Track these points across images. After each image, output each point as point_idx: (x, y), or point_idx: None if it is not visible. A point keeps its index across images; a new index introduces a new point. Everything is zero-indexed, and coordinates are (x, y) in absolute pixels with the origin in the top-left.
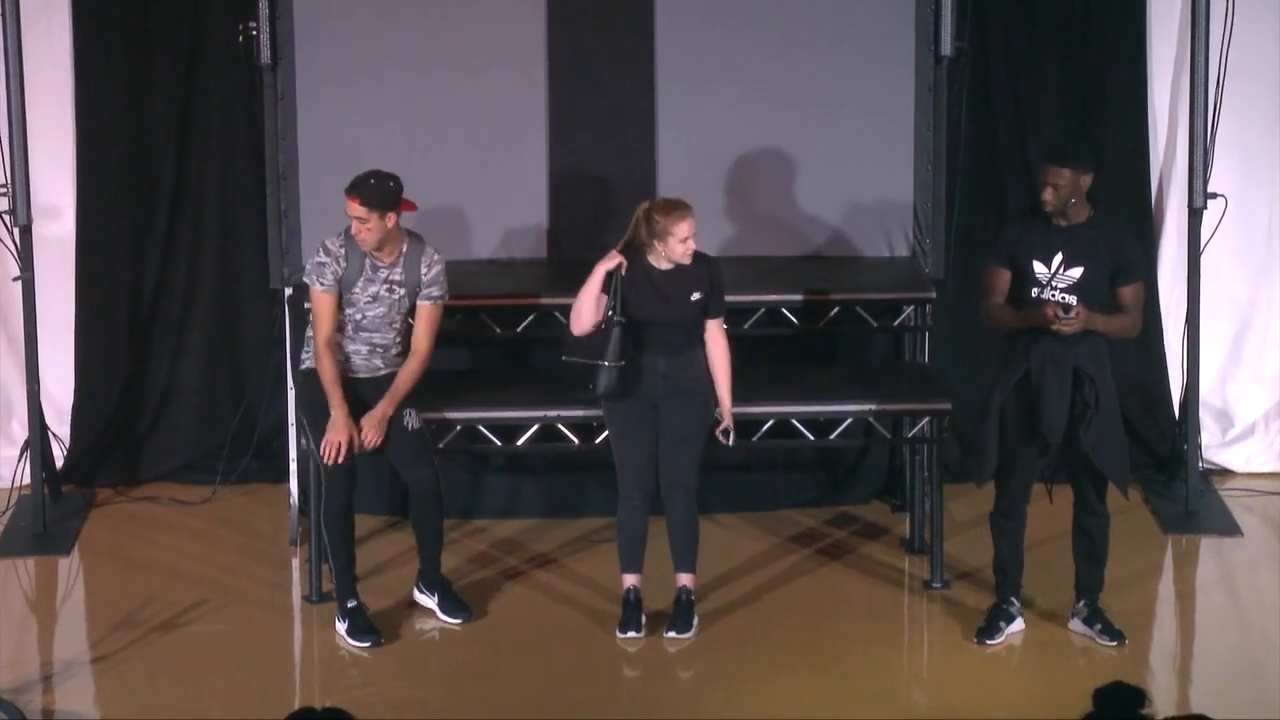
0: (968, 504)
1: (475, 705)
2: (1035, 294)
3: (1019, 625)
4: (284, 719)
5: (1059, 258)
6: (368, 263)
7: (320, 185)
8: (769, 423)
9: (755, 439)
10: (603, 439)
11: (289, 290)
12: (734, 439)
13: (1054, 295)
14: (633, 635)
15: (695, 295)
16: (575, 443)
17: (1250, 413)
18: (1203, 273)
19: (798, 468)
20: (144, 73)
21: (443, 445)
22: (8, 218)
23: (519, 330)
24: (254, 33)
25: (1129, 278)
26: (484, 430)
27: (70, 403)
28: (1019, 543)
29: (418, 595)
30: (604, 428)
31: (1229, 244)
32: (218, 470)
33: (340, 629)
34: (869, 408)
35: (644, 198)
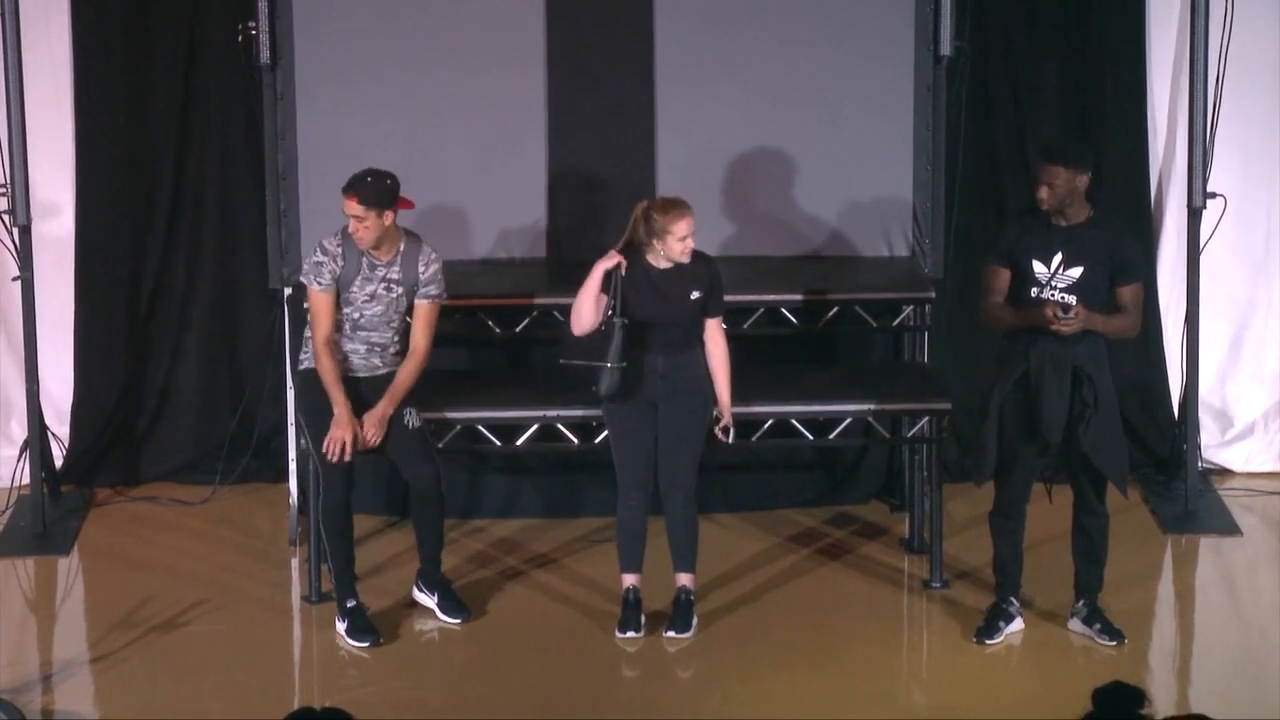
0: (967, 504)
1: (475, 705)
2: (1035, 294)
3: (1018, 625)
4: (283, 719)
5: (1058, 257)
6: (365, 261)
7: (320, 185)
8: (768, 422)
9: (754, 439)
10: (602, 439)
11: (288, 290)
12: (734, 438)
13: (1053, 295)
14: (632, 635)
15: (694, 294)
16: (574, 443)
17: (1249, 412)
18: (1202, 272)
19: (797, 467)
20: (143, 73)
21: (442, 445)
22: (7, 218)
23: (518, 330)
24: (253, 33)
25: (1128, 278)
26: (483, 430)
27: (70, 402)
28: (1018, 542)
29: (417, 594)
30: (603, 428)
31: (1228, 244)
32: (217, 470)
33: (340, 629)
34: (868, 407)
35: (643, 197)
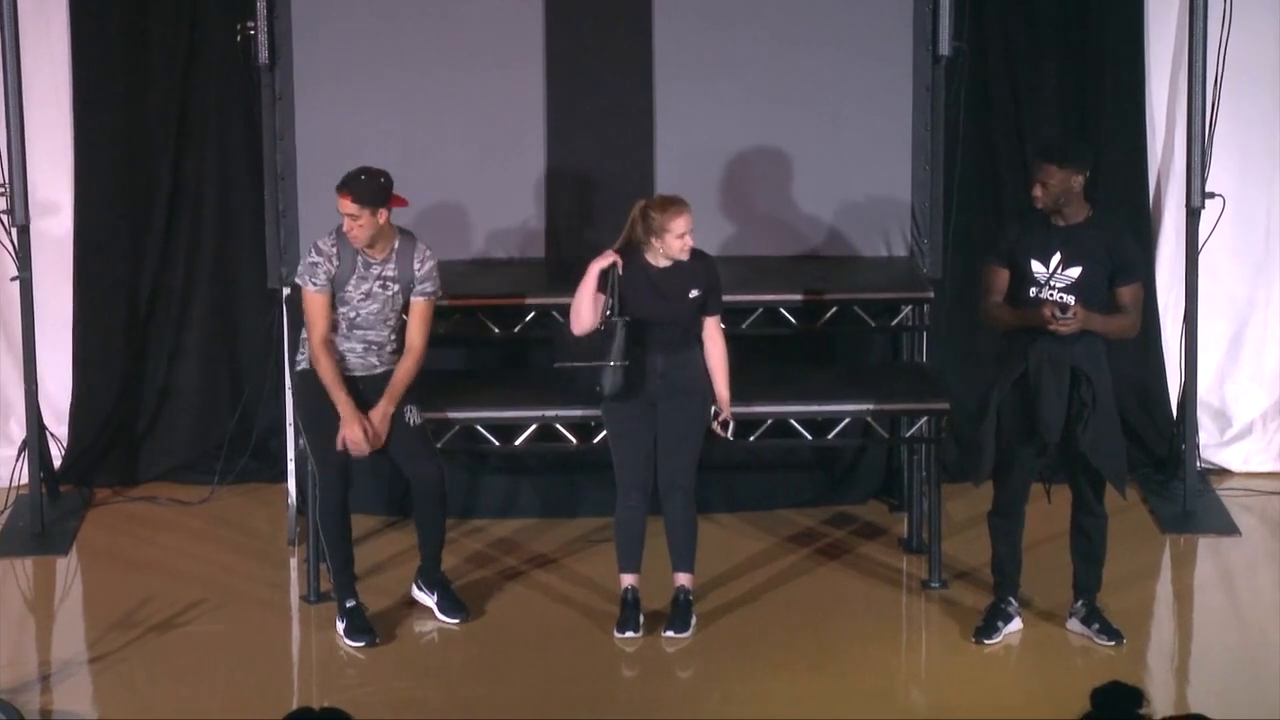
0: (966, 503)
1: (473, 705)
2: (1033, 293)
3: (1017, 625)
4: (282, 719)
5: (1057, 257)
6: (360, 260)
7: (318, 185)
8: (767, 422)
9: (753, 438)
10: (601, 439)
11: (287, 290)
12: (733, 435)
13: (1052, 295)
14: (631, 635)
15: (693, 292)
16: (573, 443)
17: (1248, 412)
18: (1201, 272)
19: (796, 467)
20: (142, 73)
21: (441, 445)
22: (6, 217)
23: (517, 330)
24: (252, 32)
25: (1128, 278)
26: (482, 430)
27: (68, 402)
28: (1017, 542)
29: (416, 593)
30: (602, 428)
31: (1227, 243)
32: (216, 470)
33: (339, 629)
34: (867, 407)
35: (642, 197)
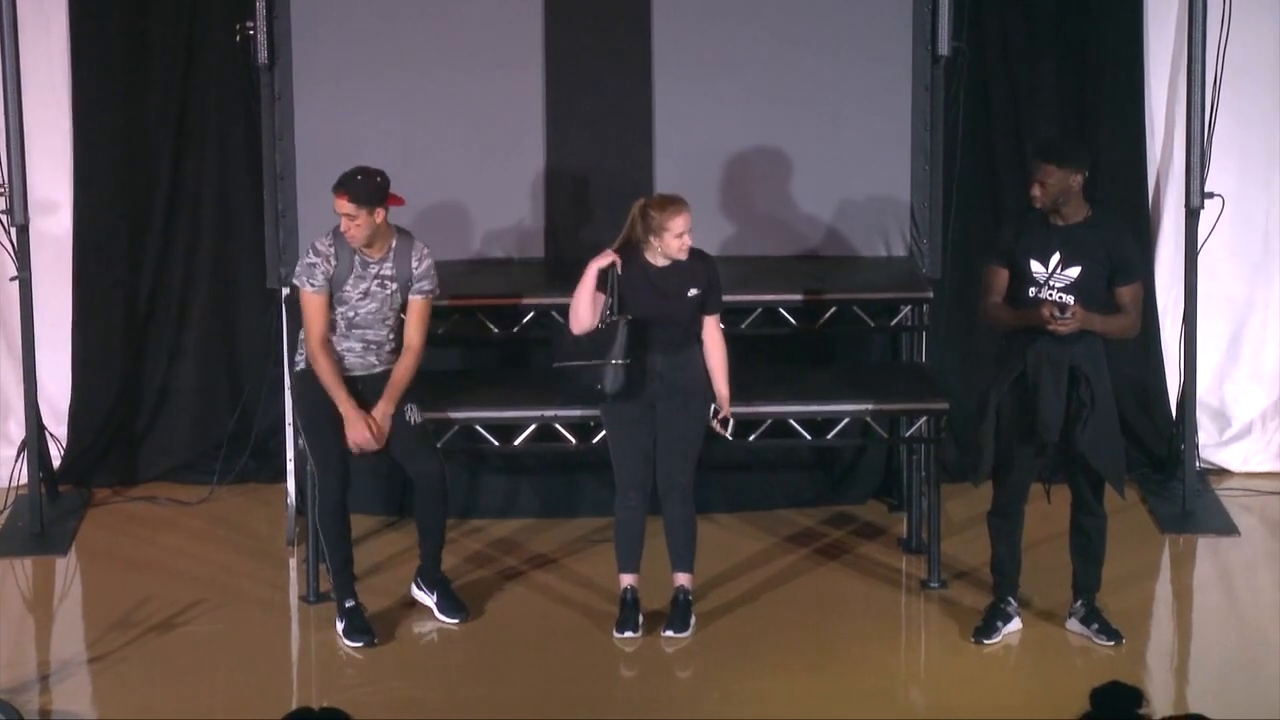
0: (965, 503)
1: (473, 705)
2: (1033, 293)
3: (1016, 625)
4: (281, 719)
5: (1056, 257)
6: (357, 260)
7: (317, 185)
8: (766, 422)
9: (753, 438)
10: (600, 439)
11: (286, 290)
12: (732, 434)
13: (1051, 295)
14: (630, 635)
15: (692, 291)
16: (573, 442)
17: (1247, 412)
18: (1200, 272)
19: (795, 467)
20: (141, 73)
21: (440, 445)
22: (5, 217)
23: (516, 330)
24: (251, 33)
25: (1127, 278)
26: (481, 430)
27: (67, 402)
28: (1016, 542)
29: (416, 592)
30: (601, 428)
31: (1226, 244)
32: (215, 470)
33: (339, 629)
34: (866, 407)
35: (640, 196)
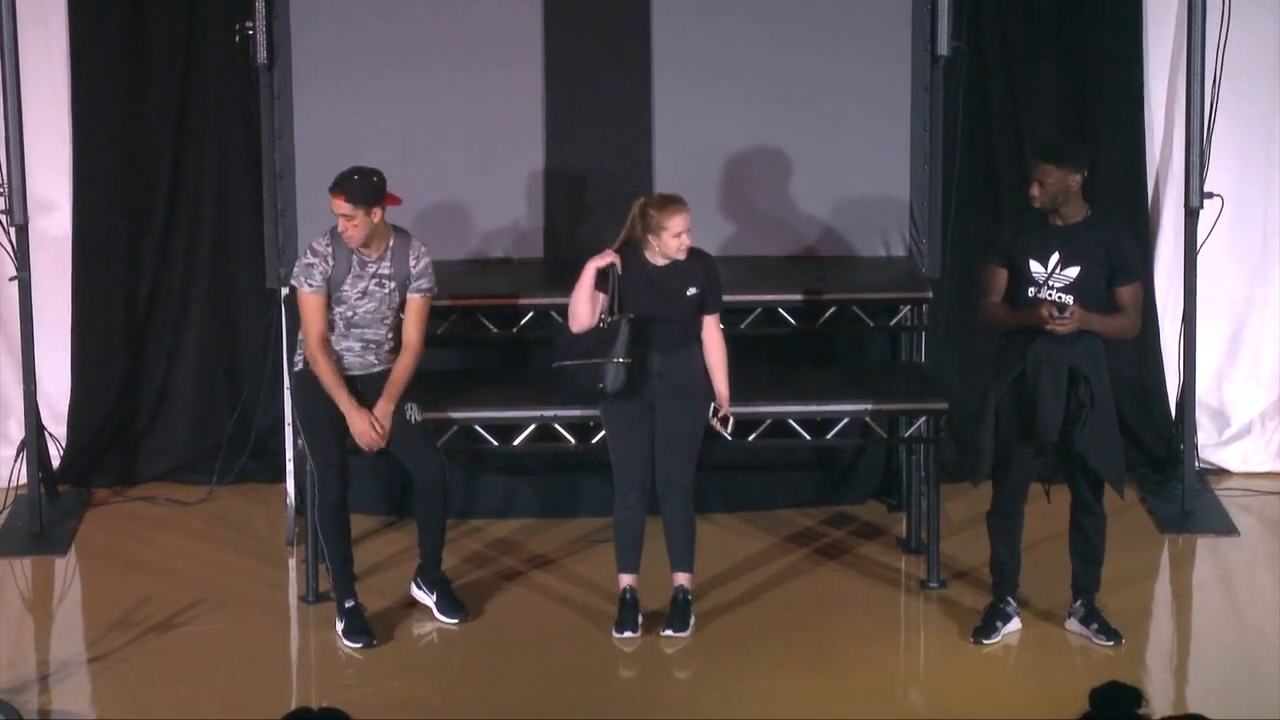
0: (964, 503)
1: (472, 705)
2: (1032, 293)
3: (1016, 625)
4: (280, 719)
5: (1055, 257)
6: (355, 259)
7: (317, 185)
8: (766, 422)
9: (752, 438)
10: (599, 439)
11: (285, 290)
12: (732, 434)
13: (1050, 295)
14: (629, 635)
15: (691, 290)
16: (572, 443)
17: (1246, 412)
18: (1199, 272)
19: (794, 467)
20: (141, 73)
21: (440, 445)
22: (4, 217)
23: (515, 330)
24: (250, 32)
25: (1127, 278)
26: (481, 430)
27: (67, 402)
28: (1016, 542)
29: (415, 591)
30: (600, 428)
31: (1225, 243)
32: (214, 470)
33: (339, 629)
34: (866, 407)
35: (640, 196)
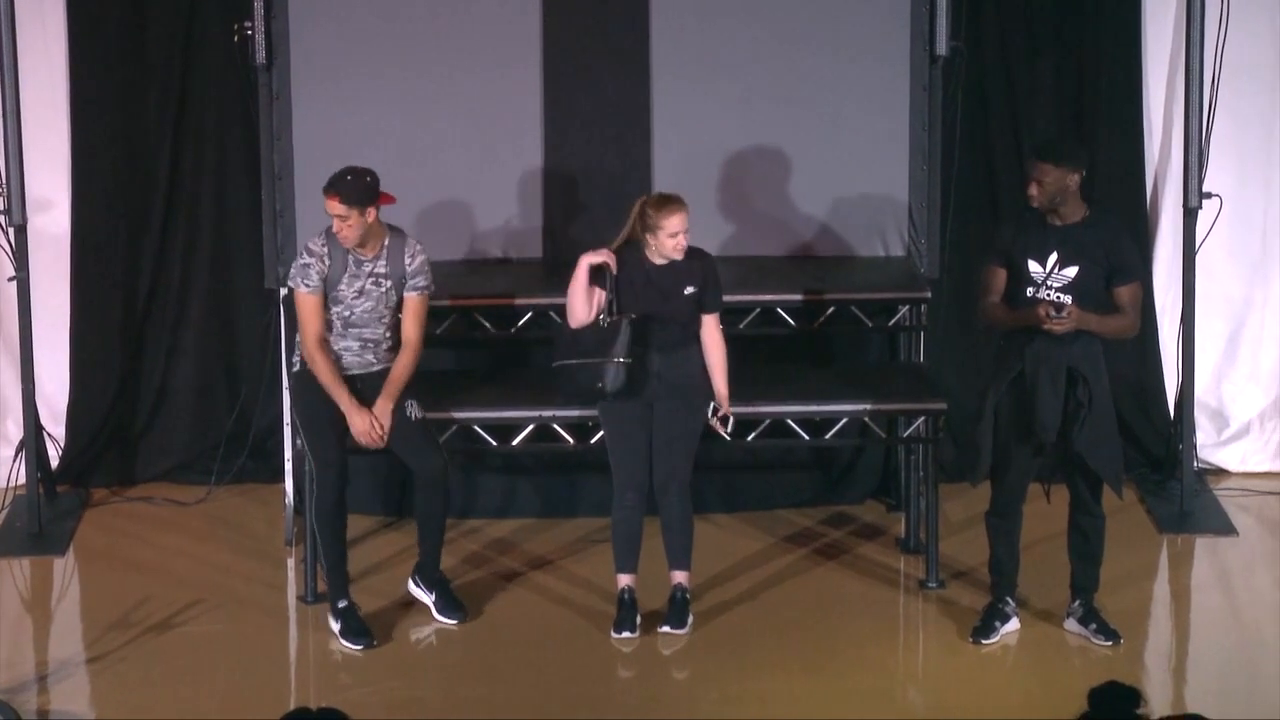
0: (963, 503)
1: (471, 705)
2: (1030, 293)
3: (1014, 625)
4: (279, 719)
5: (1054, 257)
6: (350, 259)
7: (315, 185)
8: (764, 422)
9: (751, 438)
10: (598, 439)
11: (284, 290)
12: (731, 434)
13: (1049, 295)
14: (628, 635)
15: (689, 289)
16: (570, 443)
17: (1245, 412)
18: (1198, 272)
19: (793, 467)
20: (139, 73)
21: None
22: (3, 217)
23: (514, 330)
24: (249, 32)
25: (1125, 278)
26: (479, 430)
27: (65, 402)
28: (1014, 542)
29: (413, 588)
30: (599, 428)
31: (1224, 243)
32: (213, 470)
33: (334, 629)
34: (864, 407)
35: (638, 196)
